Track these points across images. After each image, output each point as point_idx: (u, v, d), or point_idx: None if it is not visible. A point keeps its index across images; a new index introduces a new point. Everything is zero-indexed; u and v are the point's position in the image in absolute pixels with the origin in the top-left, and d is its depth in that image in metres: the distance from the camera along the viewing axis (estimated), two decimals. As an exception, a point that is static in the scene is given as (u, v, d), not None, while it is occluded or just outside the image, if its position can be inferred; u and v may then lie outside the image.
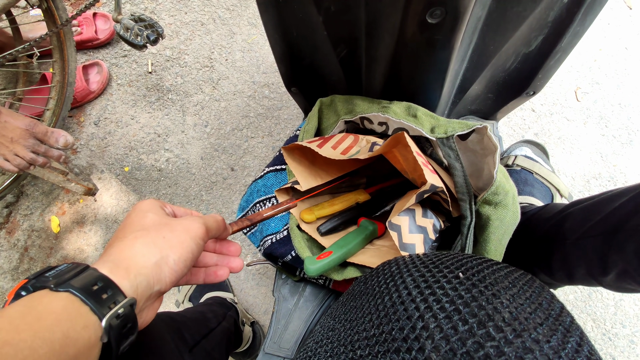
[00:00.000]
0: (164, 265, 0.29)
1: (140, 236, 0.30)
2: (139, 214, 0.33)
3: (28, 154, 0.66)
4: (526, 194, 0.70)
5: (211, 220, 0.35)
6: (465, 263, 0.29)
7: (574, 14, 0.52)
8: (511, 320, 0.22)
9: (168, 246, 0.30)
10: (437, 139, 0.50)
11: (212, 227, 0.35)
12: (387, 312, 0.26)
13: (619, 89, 1.10)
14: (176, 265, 0.30)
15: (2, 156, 0.64)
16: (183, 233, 0.31)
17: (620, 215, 0.43)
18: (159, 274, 0.28)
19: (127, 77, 1.13)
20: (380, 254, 0.50)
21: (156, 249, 0.29)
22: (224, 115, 1.10)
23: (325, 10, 0.52)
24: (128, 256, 0.28)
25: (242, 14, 1.17)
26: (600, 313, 0.96)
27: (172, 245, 0.30)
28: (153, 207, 0.33)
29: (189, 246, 0.31)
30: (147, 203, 0.34)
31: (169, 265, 0.29)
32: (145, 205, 0.34)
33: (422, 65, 0.56)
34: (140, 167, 1.07)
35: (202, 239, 0.32)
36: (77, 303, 0.24)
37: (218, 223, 0.36)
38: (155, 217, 0.32)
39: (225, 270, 0.39)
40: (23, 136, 0.64)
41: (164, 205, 0.36)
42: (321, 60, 0.63)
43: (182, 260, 0.30)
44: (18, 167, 0.66)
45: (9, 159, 0.65)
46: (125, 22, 0.90)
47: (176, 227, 0.31)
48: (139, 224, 0.31)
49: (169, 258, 0.29)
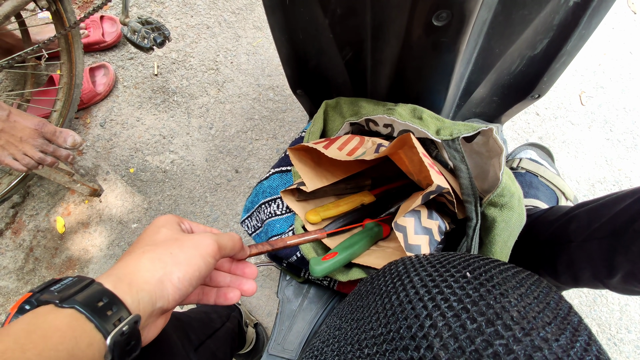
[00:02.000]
0: (168, 282, 0.28)
1: (148, 251, 0.29)
2: (153, 228, 0.32)
3: (37, 153, 0.66)
4: (531, 196, 0.70)
5: (226, 239, 0.34)
6: (472, 263, 0.29)
7: (579, 17, 0.52)
8: (520, 319, 0.22)
9: (174, 262, 0.29)
10: (443, 141, 0.50)
11: (226, 245, 0.33)
12: (394, 311, 0.27)
13: (623, 93, 1.10)
14: (180, 283, 0.28)
15: (11, 155, 0.65)
16: (192, 249, 0.30)
17: (625, 217, 0.43)
18: (161, 291, 0.28)
19: (133, 80, 1.14)
20: (385, 255, 0.51)
21: (161, 265, 0.28)
22: (229, 117, 1.10)
23: (332, 13, 0.53)
24: (132, 271, 0.28)
25: (247, 17, 1.18)
26: (605, 318, 0.95)
27: (178, 262, 0.29)
28: (168, 223, 0.33)
29: (196, 264, 0.30)
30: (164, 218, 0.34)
31: (173, 282, 0.28)
32: (161, 220, 0.33)
33: (427, 68, 0.56)
34: (145, 169, 1.07)
35: (212, 256, 0.31)
36: (82, 320, 0.23)
37: (234, 242, 0.35)
38: (167, 233, 0.32)
39: (236, 293, 0.37)
40: (32, 136, 0.64)
41: (181, 221, 0.35)
42: (327, 63, 0.63)
43: (187, 278, 0.29)
44: (27, 166, 0.67)
45: (18, 159, 0.66)
46: (133, 25, 0.91)
47: (186, 243, 0.31)
48: (151, 238, 0.31)
49: (172, 275, 0.28)
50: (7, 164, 0.66)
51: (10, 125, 0.62)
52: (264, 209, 0.59)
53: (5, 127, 0.62)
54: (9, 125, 0.62)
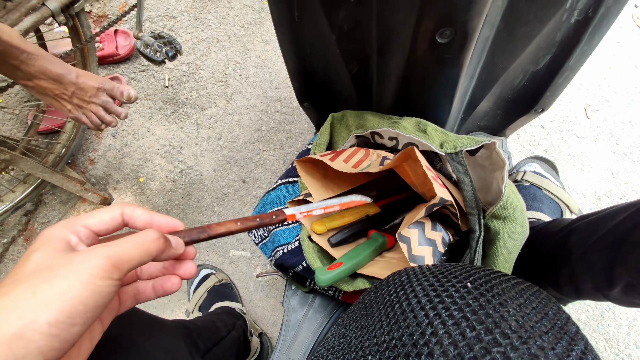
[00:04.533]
0: (32, 332, 0.21)
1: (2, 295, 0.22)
2: (26, 254, 0.25)
3: (100, 111, 0.71)
4: (535, 209, 0.70)
5: (130, 248, 0.26)
6: (473, 274, 0.29)
7: (581, 34, 0.54)
8: (517, 327, 0.23)
9: (38, 304, 0.22)
10: (447, 154, 0.51)
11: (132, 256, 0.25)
12: (397, 320, 0.27)
13: (629, 106, 1.11)
14: (53, 327, 0.22)
15: (84, 115, 0.70)
16: (68, 278, 0.23)
17: (623, 229, 0.44)
18: (24, 347, 0.21)
19: (145, 91, 1.17)
20: (389, 266, 0.51)
21: (15, 314, 0.21)
22: (237, 128, 1.12)
23: (339, 29, 0.55)
24: None
25: (256, 31, 1.21)
26: (613, 333, 0.94)
27: (47, 301, 0.22)
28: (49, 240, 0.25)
29: (77, 296, 0.22)
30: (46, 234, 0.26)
31: (40, 330, 0.21)
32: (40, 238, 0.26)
33: (431, 83, 0.57)
34: (154, 178, 1.10)
35: (105, 278, 0.24)
36: None
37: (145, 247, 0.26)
38: (40, 259, 0.24)
39: (174, 281, 0.32)
40: (97, 94, 0.69)
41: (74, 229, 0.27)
42: (333, 77, 0.65)
43: (66, 318, 0.22)
44: (94, 123, 0.72)
45: (89, 117, 0.71)
46: (146, 39, 0.95)
47: (60, 271, 0.23)
48: (16, 271, 0.24)
49: (38, 321, 0.21)
50: (83, 121, 0.71)
51: (80, 87, 0.67)
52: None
53: (76, 89, 0.67)
54: (79, 87, 0.67)
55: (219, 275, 0.96)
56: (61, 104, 0.68)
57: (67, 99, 0.67)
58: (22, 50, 0.58)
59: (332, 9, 0.52)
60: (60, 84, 0.65)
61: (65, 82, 0.65)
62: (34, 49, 0.60)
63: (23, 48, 0.58)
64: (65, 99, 0.67)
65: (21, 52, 0.58)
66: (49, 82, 0.64)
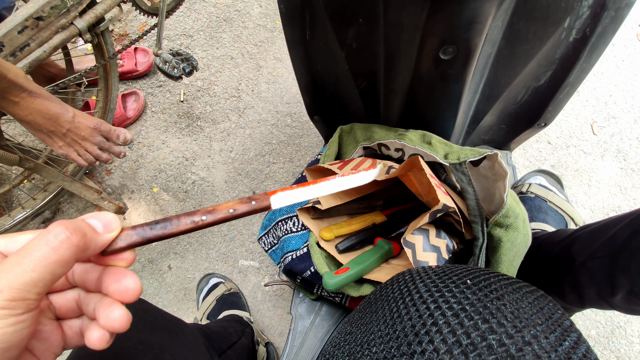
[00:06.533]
0: None
1: None
2: None
3: (95, 149, 0.74)
4: (539, 220, 0.71)
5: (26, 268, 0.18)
6: (474, 273, 0.31)
7: (579, 52, 0.56)
8: (513, 318, 0.24)
9: None
10: (451, 164, 0.53)
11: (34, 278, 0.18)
12: (400, 313, 0.29)
13: (636, 123, 1.12)
14: None
15: (76, 152, 0.73)
16: None
17: (623, 236, 0.45)
18: None
19: (161, 105, 1.22)
20: (395, 272, 0.53)
21: None
22: (248, 141, 1.16)
23: (348, 47, 0.58)
24: None
25: (268, 49, 1.26)
26: (624, 350, 0.92)
27: None
28: None
29: None
30: None
31: None
32: None
33: (436, 98, 0.60)
34: (167, 189, 1.13)
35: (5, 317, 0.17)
36: None
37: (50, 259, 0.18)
38: None
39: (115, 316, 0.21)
40: (92, 134, 0.72)
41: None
42: (342, 92, 0.68)
43: None
44: (87, 161, 0.75)
45: (81, 154, 0.74)
46: (164, 56, 1.00)
47: None
48: None
49: None
50: (72, 158, 0.74)
51: (75, 125, 0.69)
52: (281, 226, 0.63)
53: (72, 127, 0.70)
54: (74, 125, 0.70)
55: (227, 284, 0.97)
56: (53, 140, 0.70)
57: (60, 136, 0.70)
58: (25, 88, 0.61)
59: (342, 28, 0.55)
60: (55, 122, 0.67)
61: (61, 120, 0.68)
62: (36, 88, 0.63)
63: (26, 87, 0.61)
64: (58, 135, 0.70)
65: (23, 91, 0.60)
66: (44, 119, 0.66)
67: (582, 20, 0.52)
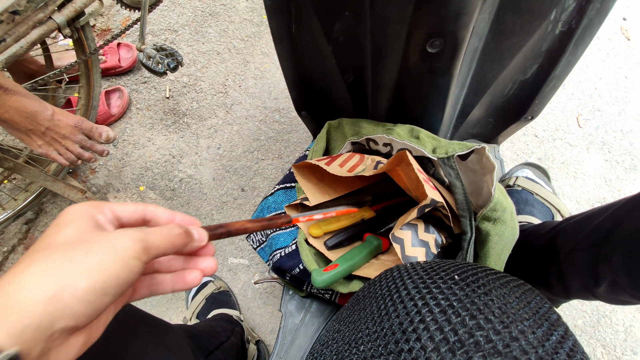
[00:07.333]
0: (68, 296, 0.22)
1: (39, 259, 0.24)
2: (56, 226, 0.26)
3: (77, 148, 0.72)
4: (526, 213, 0.72)
5: (158, 237, 0.27)
6: (461, 268, 0.31)
7: (565, 44, 0.56)
8: (500, 314, 0.24)
9: (76, 272, 0.23)
10: (439, 158, 0.53)
11: (159, 244, 0.27)
12: (388, 311, 0.29)
13: (620, 115, 1.13)
14: (89, 294, 0.23)
15: (56, 151, 0.71)
16: (104, 254, 0.24)
17: (605, 228, 0.45)
18: (59, 309, 0.22)
19: (146, 102, 1.19)
20: (384, 268, 0.52)
21: (54, 278, 0.23)
22: (236, 138, 1.15)
23: (335, 41, 0.57)
24: (14, 289, 0.22)
25: (255, 44, 1.24)
26: (610, 339, 0.94)
27: (84, 271, 0.23)
28: (78, 217, 0.26)
29: (112, 271, 0.24)
30: (74, 210, 0.27)
31: (77, 295, 0.23)
32: (68, 214, 0.27)
33: (424, 91, 0.60)
34: (154, 187, 1.11)
35: (136, 258, 0.25)
36: None
37: (172, 239, 0.28)
38: (73, 232, 0.26)
39: (195, 275, 0.32)
40: (73, 132, 0.70)
41: (100, 210, 0.28)
42: (330, 86, 0.67)
43: (100, 288, 0.24)
44: (68, 160, 0.72)
45: (62, 153, 0.72)
46: (148, 51, 0.97)
47: (94, 246, 0.25)
48: (49, 240, 0.25)
49: (76, 286, 0.23)
50: (53, 157, 0.71)
51: (54, 123, 0.67)
52: (269, 224, 0.62)
53: (51, 125, 0.67)
54: (53, 123, 0.68)
55: (217, 282, 0.96)
56: (31, 139, 0.68)
57: (39, 134, 0.68)
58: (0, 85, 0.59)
59: (329, 21, 0.54)
60: (33, 120, 0.65)
61: (39, 118, 0.66)
62: (12, 85, 0.61)
63: (1, 84, 0.59)
64: (37, 134, 0.68)
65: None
66: (22, 117, 0.64)
67: (568, 13, 0.52)
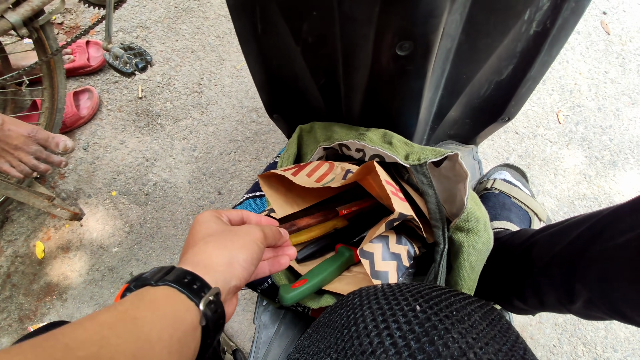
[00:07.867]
0: (236, 263, 0.32)
1: (211, 241, 0.34)
2: (202, 224, 0.37)
3: (31, 160, 0.68)
4: (503, 218, 0.70)
5: (268, 230, 0.39)
6: (425, 295, 0.29)
7: (540, 45, 0.54)
8: (460, 355, 0.22)
9: (236, 247, 0.33)
10: (411, 165, 0.51)
11: (269, 235, 0.39)
12: (344, 346, 0.26)
13: (600, 111, 1.13)
14: (245, 262, 0.33)
15: (8, 163, 0.66)
16: (246, 237, 0.35)
17: (580, 243, 0.43)
18: (232, 271, 0.32)
19: (118, 103, 1.14)
20: (356, 281, 0.50)
21: (226, 251, 0.33)
22: (212, 139, 1.11)
23: (303, 42, 0.54)
24: (203, 258, 0.32)
25: (231, 41, 1.20)
26: (591, 337, 0.95)
27: (240, 247, 0.34)
28: (211, 217, 0.38)
29: (253, 248, 0.34)
30: (205, 215, 0.38)
31: (240, 263, 0.33)
32: (204, 217, 0.38)
33: (397, 94, 0.57)
34: (127, 192, 1.07)
35: (262, 242, 0.36)
36: (175, 292, 0.28)
37: (274, 232, 0.40)
38: (216, 226, 0.36)
39: (285, 258, 0.44)
40: (26, 143, 0.66)
41: (219, 214, 0.39)
42: (301, 88, 0.64)
43: (250, 259, 0.34)
44: (22, 172, 0.68)
45: (14, 165, 0.67)
46: (115, 51, 0.92)
47: (239, 232, 0.36)
48: (205, 232, 0.35)
49: (238, 257, 0.33)
50: (4, 170, 0.67)
51: (5, 134, 0.63)
52: (238, 235, 0.59)
53: (1, 136, 0.63)
54: (3, 133, 0.63)
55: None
56: None
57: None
58: None
59: (296, 22, 0.51)
60: None
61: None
62: None
63: None
64: None
65: None
66: None
67: (542, 12, 0.50)
